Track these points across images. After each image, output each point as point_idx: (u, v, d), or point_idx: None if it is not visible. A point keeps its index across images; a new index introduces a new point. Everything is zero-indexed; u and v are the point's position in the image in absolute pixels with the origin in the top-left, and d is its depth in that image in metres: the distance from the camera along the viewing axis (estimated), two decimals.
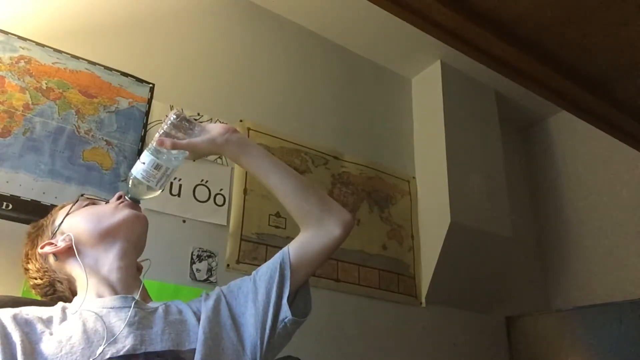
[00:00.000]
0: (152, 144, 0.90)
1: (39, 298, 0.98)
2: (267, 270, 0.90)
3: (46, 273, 0.93)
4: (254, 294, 0.89)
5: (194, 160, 1.00)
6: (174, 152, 0.90)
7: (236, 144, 0.92)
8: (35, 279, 0.94)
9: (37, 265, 0.93)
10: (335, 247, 0.92)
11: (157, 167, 0.89)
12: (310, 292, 0.93)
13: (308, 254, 0.91)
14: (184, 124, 0.92)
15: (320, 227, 0.91)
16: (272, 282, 0.88)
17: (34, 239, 0.97)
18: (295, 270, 0.89)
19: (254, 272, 0.93)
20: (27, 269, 0.96)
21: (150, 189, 0.91)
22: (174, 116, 0.92)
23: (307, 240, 0.92)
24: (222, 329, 0.85)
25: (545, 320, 2.16)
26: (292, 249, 0.91)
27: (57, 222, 0.95)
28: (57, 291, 0.93)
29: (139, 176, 0.90)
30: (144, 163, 0.90)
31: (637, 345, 1.82)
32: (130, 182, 0.91)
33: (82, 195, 1.01)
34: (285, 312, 0.86)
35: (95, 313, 0.81)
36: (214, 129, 0.93)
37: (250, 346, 0.85)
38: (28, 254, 0.96)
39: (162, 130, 0.91)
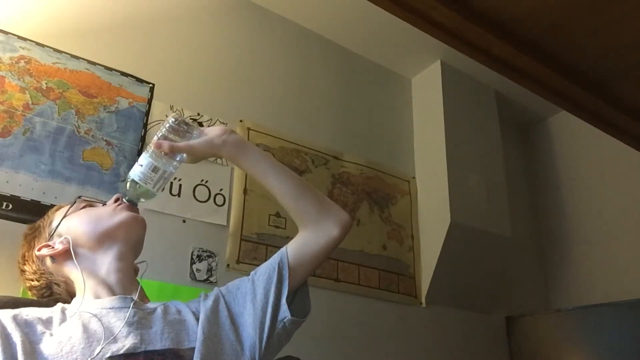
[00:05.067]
0: (150, 146, 0.90)
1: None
2: (265, 271, 0.90)
3: (43, 275, 0.93)
4: (252, 295, 0.89)
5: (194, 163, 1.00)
6: (171, 156, 0.91)
7: (234, 145, 0.92)
8: (32, 280, 0.94)
9: (33, 267, 0.93)
10: (333, 247, 0.92)
11: (154, 169, 0.89)
12: (309, 293, 0.93)
13: (306, 254, 0.91)
14: (182, 127, 0.92)
15: (318, 228, 0.91)
16: (270, 283, 0.88)
17: (30, 241, 0.96)
18: (294, 270, 0.89)
19: (252, 273, 0.93)
20: (23, 271, 0.95)
21: (147, 191, 0.91)
22: (173, 119, 0.92)
23: (305, 240, 0.92)
24: (220, 329, 0.85)
25: (545, 320, 2.16)
26: (290, 249, 0.91)
27: (54, 224, 0.95)
28: (54, 293, 0.93)
29: (136, 178, 0.90)
30: (141, 165, 0.90)
31: (637, 345, 1.82)
32: (128, 184, 0.91)
33: (79, 197, 1.01)
34: (285, 312, 0.86)
35: (95, 314, 0.81)
36: (212, 131, 0.93)
37: (249, 346, 0.85)
38: (25, 256, 0.96)
39: (161, 134, 0.91)
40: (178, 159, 0.92)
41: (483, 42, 1.06)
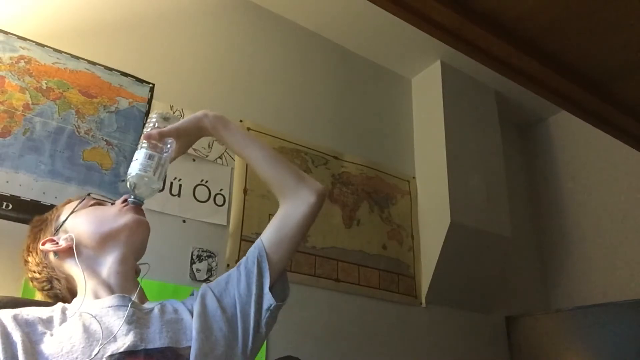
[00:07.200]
0: (141, 142, 0.94)
1: (38, 298, 0.98)
2: (245, 265, 0.94)
3: (45, 269, 0.93)
4: (237, 287, 0.92)
5: (188, 149, 1.06)
6: (162, 142, 0.95)
7: (215, 116, 0.99)
8: (34, 272, 0.94)
9: (37, 260, 0.94)
10: (312, 215, 0.96)
11: (150, 157, 0.92)
12: (287, 277, 0.98)
13: (286, 229, 0.95)
14: (165, 122, 0.98)
15: (296, 196, 0.96)
16: (251, 277, 0.92)
17: (36, 233, 0.97)
18: (272, 258, 0.93)
19: (238, 264, 0.96)
20: (26, 261, 0.96)
21: (150, 181, 0.92)
22: (156, 115, 0.98)
23: (285, 212, 0.97)
24: (213, 323, 0.87)
25: (545, 320, 2.16)
26: (266, 238, 0.96)
27: (61, 219, 0.96)
28: (54, 288, 0.93)
29: (136, 171, 0.91)
30: (137, 159, 0.93)
31: (637, 345, 1.82)
32: (129, 182, 0.93)
33: (89, 194, 1.01)
34: (269, 300, 0.90)
35: (95, 314, 0.81)
36: (192, 117, 0.99)
37: (241, 336, 0.88)
38: (29, 247, 0.96)
39: (148, 128, 0.96)
40: (169, 145, 0.96)
41: (483, 42, 1.06)
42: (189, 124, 0.97)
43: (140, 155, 0.92)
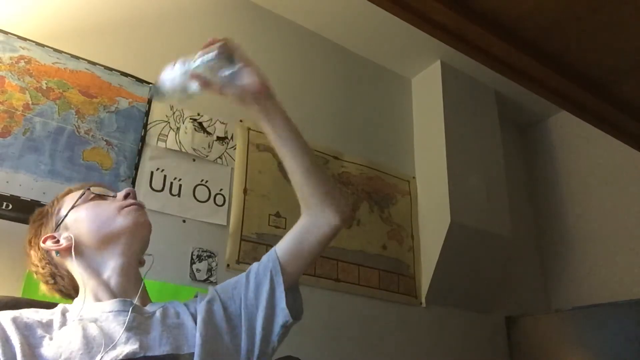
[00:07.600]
0: (189, 63, 0.90)
1: (38, 298, 0.97)
2: (257, 273, 0.91)
3: (47, 264, 0.92)
4: (244, 296, 0.90)
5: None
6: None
7: (264, 108, 0.93)
8: (37, 266, 0.93)
9: (39, 255, 0.92)
10: (333, 236, 0.92)
11: (182, 87, 0.90)
12: (300, 290, 0.94)
13: (304, 245, 0.92)
14: (222, 64, 0.91)
15: (322, 213, 0.92)
16: (261, 289, 0.89)
17: (37, 228, 0.95)
18: (286, 270, 0.90)
19: (248, 271, 0.93)
20: (28, 255, 0.95)
21: (171, 97, 0.92)
22: (213, 55, 0.91)
23: (305, 229, 0.93)
24: (217, 332, 0.85)
25: (545, 320, 2.16)
26: (281, 250, 0.92)
27: (62, 213, 0.93)
28: (58, 284, 0.92)
29: (166, 83, 0.90)
30: (172, 77, 0.90)
31: (637, 345, 1.82)
32: (156, 86, 0.91)
33: (89, 188, 0.97)
34: (285, 316, 0.88)
35: (95, 318, 0.81)
36: (249, 83, 0.91)
37: (245, 349, 0.86)
38: (31, 242, 0.94)
39: (199, 63, 0.90)
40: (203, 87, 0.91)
41: (483, 42, 1.06)
42: (236, 100, 0.92)
43: (175, 76, 0.89)
